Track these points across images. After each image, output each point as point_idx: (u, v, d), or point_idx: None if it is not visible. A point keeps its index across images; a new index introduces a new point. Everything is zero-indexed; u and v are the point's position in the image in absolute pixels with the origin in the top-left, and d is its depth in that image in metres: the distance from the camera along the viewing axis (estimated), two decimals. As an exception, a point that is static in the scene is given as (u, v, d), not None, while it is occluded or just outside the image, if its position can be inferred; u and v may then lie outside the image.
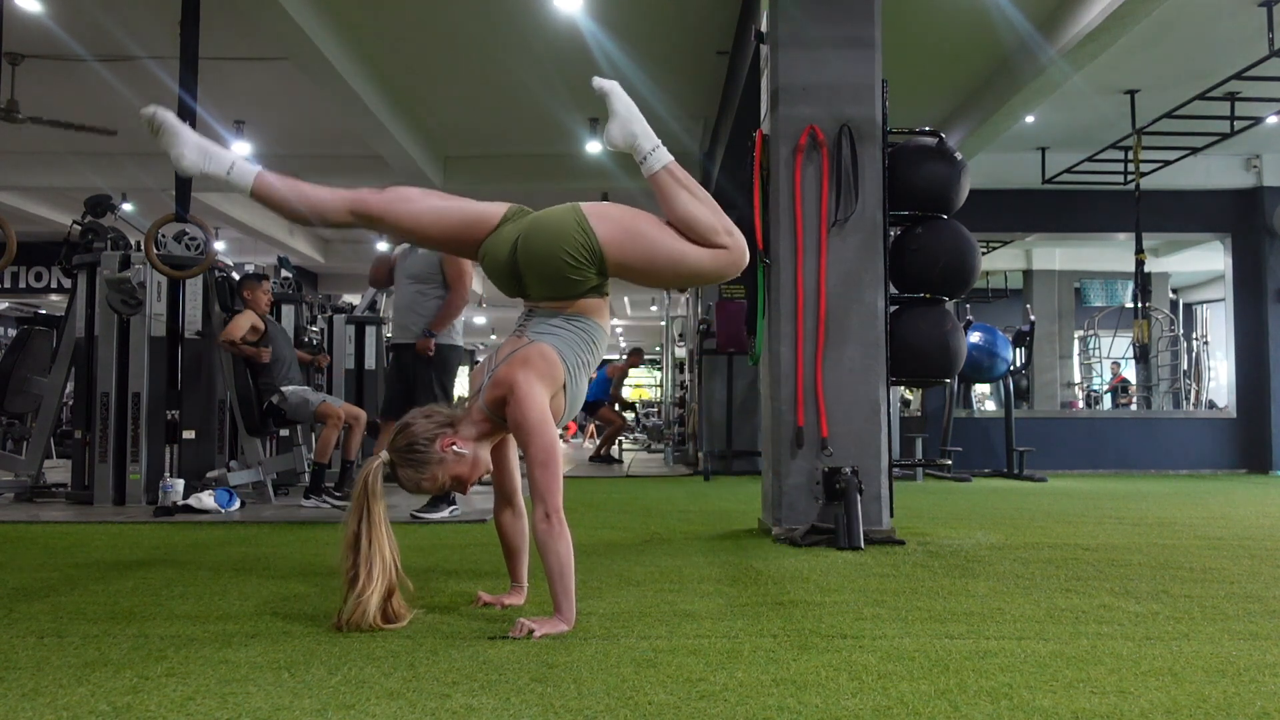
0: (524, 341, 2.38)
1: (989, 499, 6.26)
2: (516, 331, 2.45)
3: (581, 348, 2.41)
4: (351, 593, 2.18)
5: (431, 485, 2.35)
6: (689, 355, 11.75)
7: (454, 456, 2.32)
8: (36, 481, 5.82)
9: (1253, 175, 9.69)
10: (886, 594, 2.73)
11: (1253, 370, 9.66)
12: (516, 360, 2.33)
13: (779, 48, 4.23)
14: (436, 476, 2.33)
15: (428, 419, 2.35)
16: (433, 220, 2.44)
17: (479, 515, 4.55)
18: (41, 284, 14.49)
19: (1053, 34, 6.61)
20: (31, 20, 6.67)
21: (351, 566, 2.20)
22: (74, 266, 5.78)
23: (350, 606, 2.17)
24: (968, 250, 4.36)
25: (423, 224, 2.43)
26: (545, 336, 2.39)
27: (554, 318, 2.42)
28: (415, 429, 2.32)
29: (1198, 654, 2.04)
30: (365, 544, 2.20)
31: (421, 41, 7.41)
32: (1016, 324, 10.63)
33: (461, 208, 2.46)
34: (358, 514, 2.22)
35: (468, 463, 2.35)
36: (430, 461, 2.31)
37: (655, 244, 2.39)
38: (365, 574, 2.18)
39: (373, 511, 2.22)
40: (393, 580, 2.23)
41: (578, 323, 2.42)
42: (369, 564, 2.19)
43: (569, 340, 2.40)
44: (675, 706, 1.66)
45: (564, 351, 2.37)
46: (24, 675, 1.85)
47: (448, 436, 2.33)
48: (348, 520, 2.24)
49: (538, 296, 2.44)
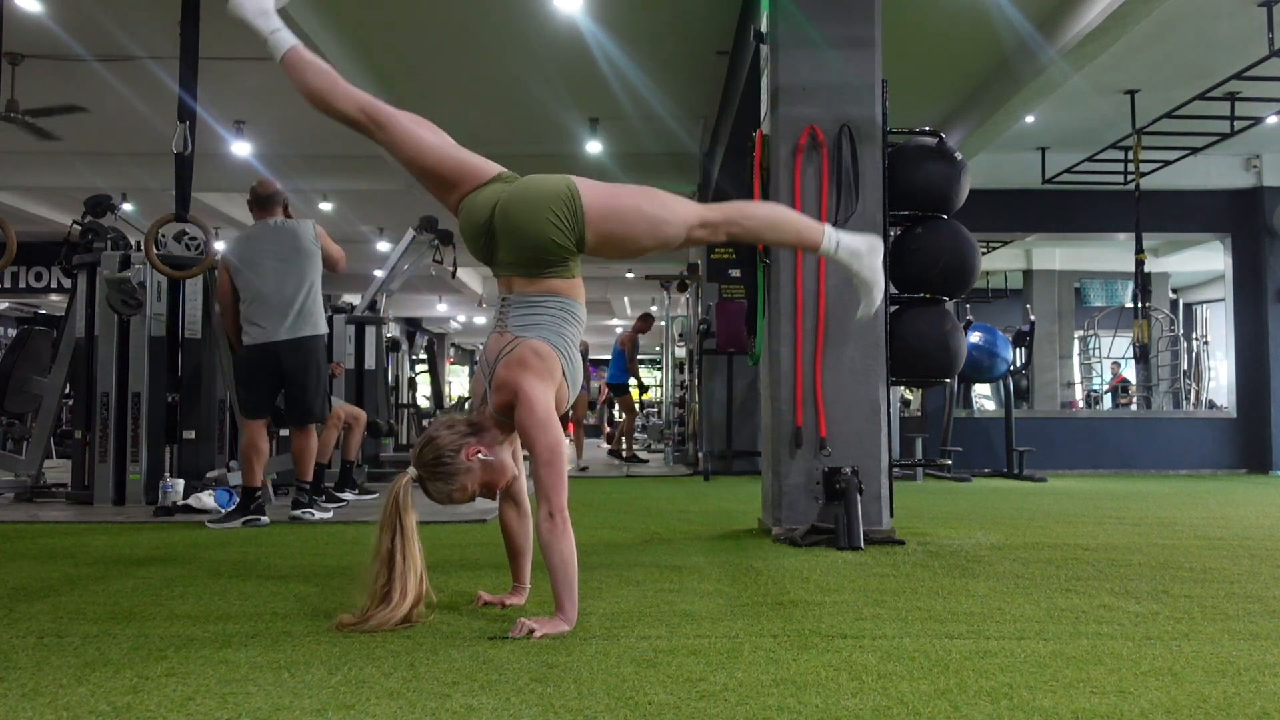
0: (510, 339, 2.37)
1: (989, 499, 6.26)
2: (498, 327, 2.43)
3: (564, 326, 2.41)
4: (385, 607, 2.18)
5: (462, 495, 2.35)
6: (689, 355, 11.75)
7: (481, 464, 2.33)
8: (36, 481, 5.82)
9: (1253, 175, 9.69)
10: (886, 594, 2.73)
11: (1253, 370, 9.66)
12: (513, 362, 2.33)
13: (779, 48, 4.23)
14: (466, 486, 2.33)
15: (450, 430, 2.34)
16: (432, 151, 2.45)
17: (479, 515, 4.55)
18: (41, 284, 14.49)
19: (1053, 34, 6.62)
20: (31, 20, 6.67)
21: (386, 582, 2.20)
22: (74, 266, 5.78)
23: (380, 619, 2.17)
24: (968, 250, 4.36)
25: (422, 150, 2.45)
26: (531, 330, 2.37)
27: (530, 302, 2.39)
28: (440, 441, 2.32)
29: (1198, 654, 2.04)
30: (400, 559, 2.21)
31: (421, 41, 7.41)
32: (1016, 324, 10.64)
33: (461, 155, 2.48)
34: (391, 530, 2.22)
35: (495, 469, 2.36)
36: (459, 472, 2.31)
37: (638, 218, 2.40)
38: (400, 591, 2.19)
39: (406, 527, 2.23)
40: (421, 593, 2.25)
41: (554, 301, 2.40)
42: (404, 580, 2.20)
43: (552, 325, 2.39)
44: (675, 706, 1.66)
45: (553, 340, 2.37)
46: (24, 675, 1.85)
47: (472, 445, 2.33)
48: (380, 536, 2.24)
49: (505, 262, 2.41)
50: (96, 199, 6.17)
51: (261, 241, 4.67)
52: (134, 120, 8.76)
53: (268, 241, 4.65)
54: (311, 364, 4.62)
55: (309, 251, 4.65)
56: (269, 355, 4.55)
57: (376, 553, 2.23)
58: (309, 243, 4.66)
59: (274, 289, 4.56)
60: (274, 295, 4.55)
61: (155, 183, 9.85)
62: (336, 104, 2.48)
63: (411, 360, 14.32)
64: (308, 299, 4.62)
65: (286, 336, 4.55)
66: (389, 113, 2.46)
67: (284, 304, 4.55)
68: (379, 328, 7.87)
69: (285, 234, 4.66)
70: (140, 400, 5.40)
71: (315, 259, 4.68)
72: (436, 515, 4.31)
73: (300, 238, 4.66)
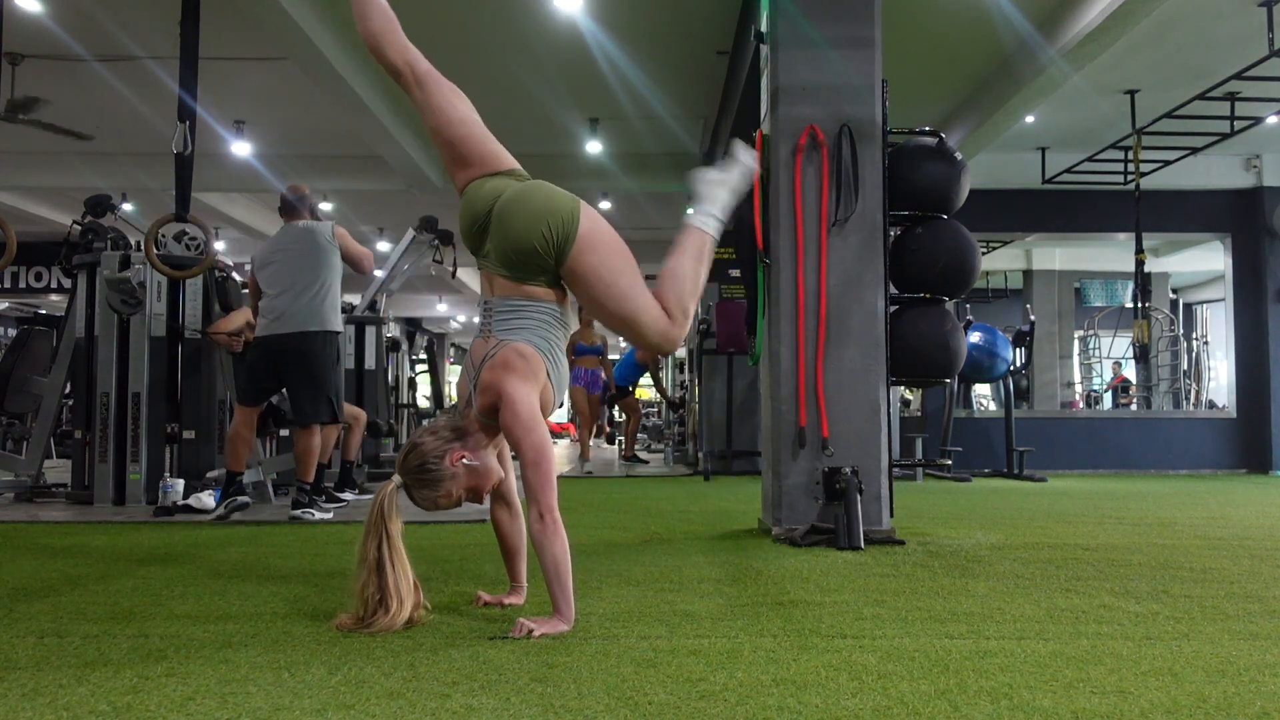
0: (494, 343, 2.37)
1: (989, 499, 6.26)
2: (481, 331, 2.43)
3: (549, 330, 2.40)
4: (384, 615, 2.18)
5: (448, 501, 2.34)
6: (689, 355, 11.75)
7: (466, 469, 2.33)
8: (36, 481, 5.82)
9: (1253, 175, 9.69)
10: (886, 594, 2.73)
11: (1253, 370, 9.66)
12: (497, 365, 2.32)
13: (779, 48, 4.23)
14: (451, 492, 2.33)
15: (434, 435, 2.34)
16: (461, 124, 2.48)
17: (479, 515, 4.55)
18: (41, 284, 14.49)
19: (1053, 34, 6.61)
20: (31, 20, 6.67)
21: (378, 590, 2.20)
22: (74, 266, 5.78)
23: (383, 625, 2.17)
24: (968, 250, 4.36)
25: (452, 120, 2.48)
26: (514, 334, 2.36)
27: (512, 306, 2.38)
28: (425, 448, 2.31)
29: (1198, 654, 2.04)
30: (390, 566, 2.21)
31: (422, 41, 7.38)
32: (1016, 324, 10.63)
33: (485, 138, 2.51)
34: (377, 538, 2.22)
35: (480, 473, 2.36)
36: (444, 478, 2.31)
37: (621, 271, 2.38)
38: (396, 600, 2.19)
39: (392, 535, 2.23)
40: (418, 597, 2.26)
41: (535, 306, 2.39)
42: (397, 588, 2.20)
43: (536, 329, 2.38)
44: (675, 706, 1.66)
45: (536, 343, 2.37)
46: (24, 675, 1.85)
47: (456, 450, 2.32)
48: (366, 543, 2.23)
49: (491, 258, 2.41)
50: (96, 199, 6.17)
51: (280, 241, 4.81)
52: (134, 120, 8.76)
53: (286, 241, 4.79)
54: (312, 359, 4.62)
55: (323, 250, 4.72)
56: (271, 347, 4.63)
57: (364, 560, 2.23)
58: (324, 242, 4.73)
59: (284, 285, 4.64)
60: (283, 290, 4.64)
61: (155, 183, 9.84)
62: (386, 51, 2.53)
63: (411, 360, 14.33)
64: (316, 297, 4.66)
65: (289, 330, 4.60)
66: (433, 76, 2.51)
67: (291, 299, 4.62)
68: (379, 328, 7.87)
69: (303, 234, 4.77)
70: (140, 400, 5.41)
71: (329, 258, 4.73)
72: (436, 515, 4.30)
73: (315, 236, 4.74)
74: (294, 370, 4.62)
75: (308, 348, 4.62)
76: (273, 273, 4.69)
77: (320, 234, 4.74)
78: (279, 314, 4.61)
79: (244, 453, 4.69)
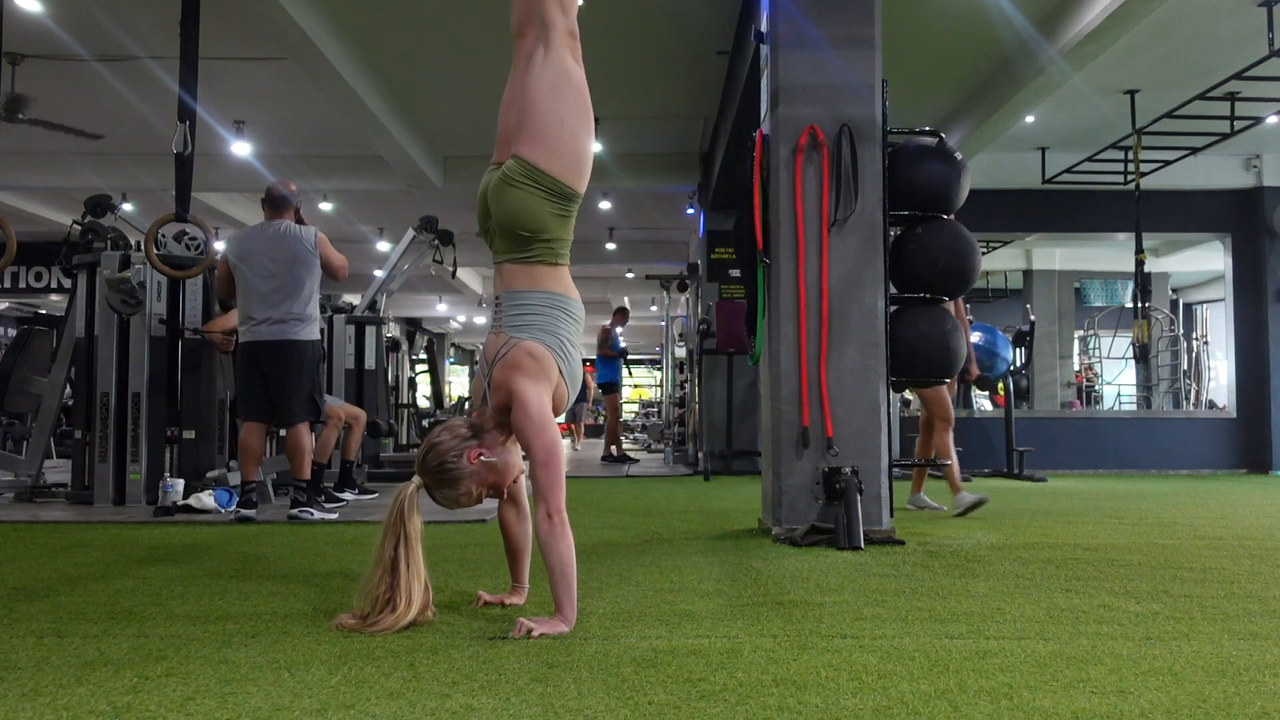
0: (505, 340, 2.39)
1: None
2: (494, 326, 2.46)
3: (559, 325, 2.42)
4: (390, 614, 2.18)
5: (468, 499, 2.36)
6: (689, 355, 11.75)
7: (484, 466, 2.34)
8: (36, 481, 5.83)
9: (1253, 175, 9.69)
10: (886, 594, 2.73)
11: (1253, 370, 9.66)
12: (508, 365, 2.34)
13: (779, 48, 4.23)
14: (471, 490, 2.34)
15: (451, 434, 2.35)
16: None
17: (479, 515, 4.55)
18: (41, 284, 14.48)
19: (1053, 34, 6.61)
20: (31, 20, 6.66)
21: (389, 589, 2.20)
22: (74, 266, 5.79)
23: (386, 624, 2.17)
24: (968, 250, 4.36)
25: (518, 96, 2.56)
26: (525, 330, 2.38)
27: (521, 299, 2.41)
28: (443, 447, 2.32)
29: (1198, 654, 2.04)
30: (404, 567, 2.21)
31: (421, 41, 7.40)
32: (1016, 324, 10.64)
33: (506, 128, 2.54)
34: (395, 536, 2.23)
35: (499, 469, 2.37)
36: (463, 476, 2.32)
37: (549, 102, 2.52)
38: (405, 599, 2.20)
39: (410, 535, 2.23)
40: (426, 600, 2.27)
41: (544, 297, 2.42)
42: (408, 588, 2.20)
43: (547, 325, 2.40)
44: (675, 706, 1.66)
45: (548, 341, 2.39)
46: (24, 675, 1.85)
47: (474, 449, 2.33)
48: (384, 542, 2.24)
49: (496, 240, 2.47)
50: (96, 199, 6.17)
51: (259, 242, 4.73)
52: (134, 120, 8.76)
53: (266, 243, 4.71)
54: (293, 367, 4.65)
55: (305, 258, 4.69)
56: (254, 354, 4.65)
57: (379, 559, 2.23)
58: (306, 249, 4.70)
59: (265, 290, 4.63)
60: (265, 296, 4.62)
61: (155, 183, 9.83)
62: None
63: (411, 360, 14.33)
64: (297, 304, 4.65)
65: (271, 338, 4.62)
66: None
67: (273, 306, 4.62)
68: (379, 328, 7.87)
69: (285, 238, 4.71)
70: (140, 400, 5.41)
71: (311, 266, 4.72)
72: (436, 516, 4.30)
73: (299, 243, 4.70)
74: (278, 373, 4.64)
75: (292, 352, 4.65)
76: (253, 273, 4.64)
77: (305, 241, 4.71)
78: (263, 321, 4.62)
79: (250, 464, 4.73)
